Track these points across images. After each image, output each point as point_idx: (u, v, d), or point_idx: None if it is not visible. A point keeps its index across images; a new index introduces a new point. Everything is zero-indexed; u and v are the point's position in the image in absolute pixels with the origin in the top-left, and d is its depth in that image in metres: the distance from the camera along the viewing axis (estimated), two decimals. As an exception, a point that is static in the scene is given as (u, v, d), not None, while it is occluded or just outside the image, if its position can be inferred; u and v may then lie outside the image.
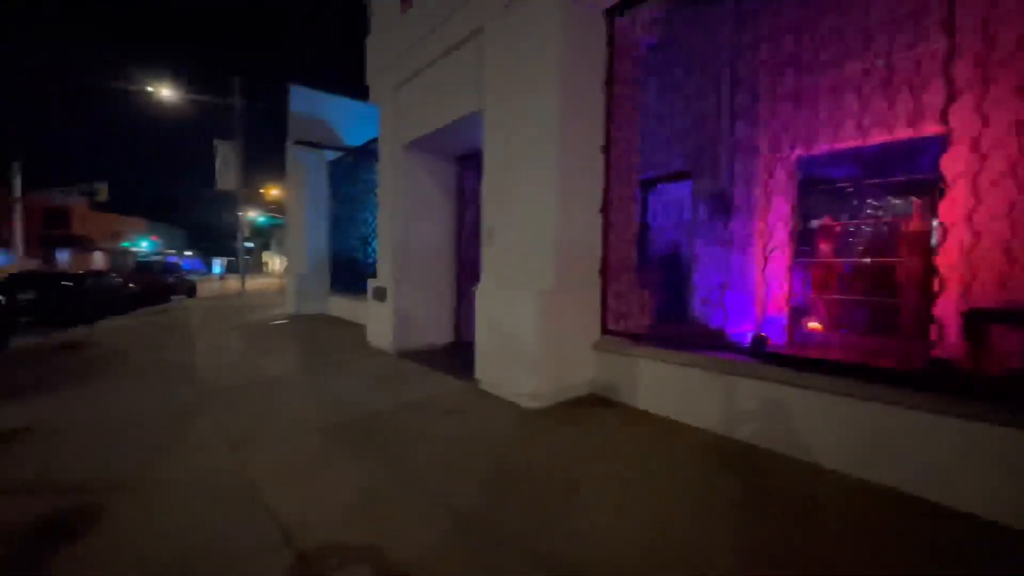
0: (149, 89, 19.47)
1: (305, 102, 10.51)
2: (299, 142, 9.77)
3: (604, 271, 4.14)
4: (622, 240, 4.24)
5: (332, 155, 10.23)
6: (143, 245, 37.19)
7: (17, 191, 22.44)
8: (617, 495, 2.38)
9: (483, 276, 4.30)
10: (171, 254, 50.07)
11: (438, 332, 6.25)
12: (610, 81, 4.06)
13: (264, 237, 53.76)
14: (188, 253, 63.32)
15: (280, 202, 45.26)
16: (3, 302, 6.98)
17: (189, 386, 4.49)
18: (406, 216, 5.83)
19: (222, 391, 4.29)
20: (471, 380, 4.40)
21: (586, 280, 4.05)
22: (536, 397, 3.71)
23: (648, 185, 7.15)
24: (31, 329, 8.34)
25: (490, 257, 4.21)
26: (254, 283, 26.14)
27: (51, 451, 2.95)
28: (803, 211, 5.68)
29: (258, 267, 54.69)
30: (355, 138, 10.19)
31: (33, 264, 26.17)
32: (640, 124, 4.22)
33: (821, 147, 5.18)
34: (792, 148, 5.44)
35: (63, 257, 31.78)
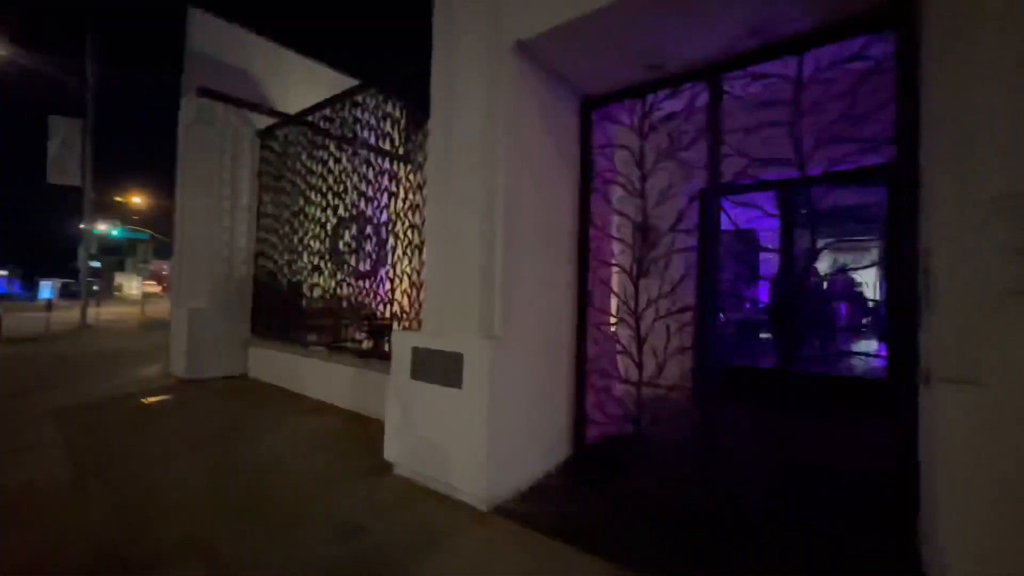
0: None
1: (214, 39, 6.71)
2: (205, 92, 5.93)
3: None
4: None
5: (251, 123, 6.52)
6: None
7: None
8: None
9: None
10: (-26, 272, 38.39)
11: (552, 437, 3.07)
12: None
13: (119, 255, 43.16)
14: (3, 272, 49.81)
15: (143, 211, 36.92)
16: None
17: None
18: (510, 198, 2.69)
19: None
20: None
21: None
22: None
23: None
24: None
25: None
26: (104, 313, 19.40)
27: None
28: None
29: (109, 292, 43.85)
30: (295, 107, 6.52)
31: None
32: None
33: None
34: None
35: None
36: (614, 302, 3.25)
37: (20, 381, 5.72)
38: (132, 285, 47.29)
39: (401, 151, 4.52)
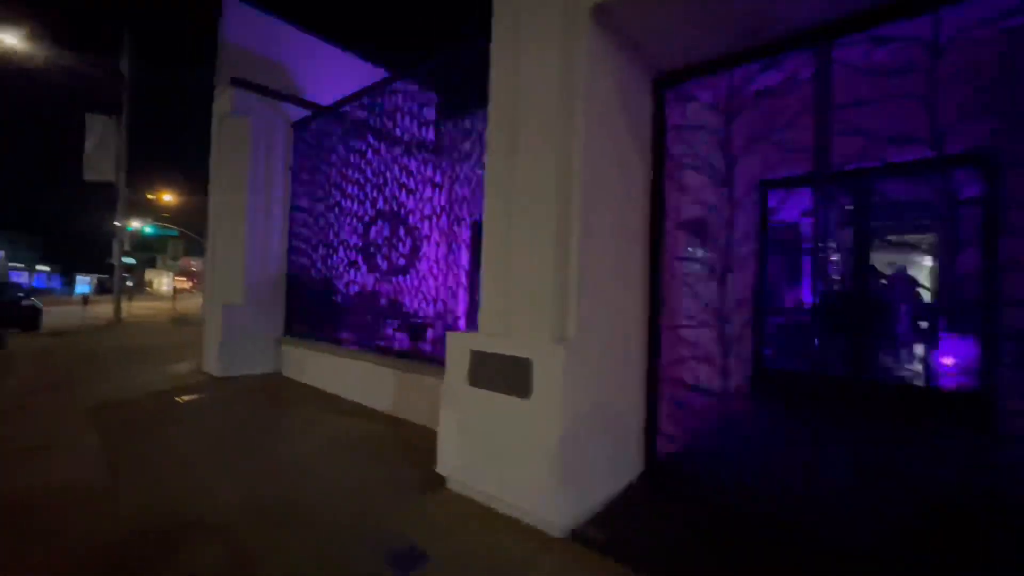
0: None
1: (249, 30, 6.58)
2: (240, 82, 5.78)
3: None
4: None
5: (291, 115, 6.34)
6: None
7: None
8: None
9: None
10: (17, 269, 39.98)
11: (626, 452, 2.76)
12: None
13: (149, 252, 44.23)
14: (44, 268, 51.73)
15: (172, 209, 37.81)
16: None
17: None
18: (587, 184, 2.39)
19: None
20: None
21: None
22: None
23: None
24: None
25: None
26: (136, 308, 19.84)
27: None
28: None
29: (140, 288, 45.02)
30: (329, 98, 6.32)
31: None
32: None
33: None
34: None
35: None
36: (691, 302, 2.91)
37: (56, 375, 5.66)
38: (163, 281, 48.64)
39: (445, 141, 4.26)
